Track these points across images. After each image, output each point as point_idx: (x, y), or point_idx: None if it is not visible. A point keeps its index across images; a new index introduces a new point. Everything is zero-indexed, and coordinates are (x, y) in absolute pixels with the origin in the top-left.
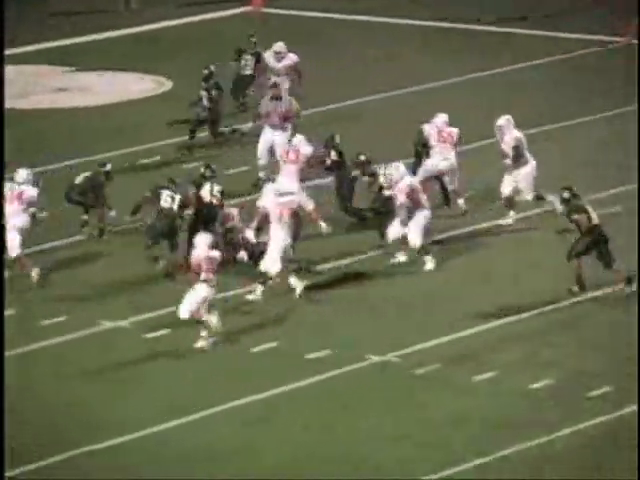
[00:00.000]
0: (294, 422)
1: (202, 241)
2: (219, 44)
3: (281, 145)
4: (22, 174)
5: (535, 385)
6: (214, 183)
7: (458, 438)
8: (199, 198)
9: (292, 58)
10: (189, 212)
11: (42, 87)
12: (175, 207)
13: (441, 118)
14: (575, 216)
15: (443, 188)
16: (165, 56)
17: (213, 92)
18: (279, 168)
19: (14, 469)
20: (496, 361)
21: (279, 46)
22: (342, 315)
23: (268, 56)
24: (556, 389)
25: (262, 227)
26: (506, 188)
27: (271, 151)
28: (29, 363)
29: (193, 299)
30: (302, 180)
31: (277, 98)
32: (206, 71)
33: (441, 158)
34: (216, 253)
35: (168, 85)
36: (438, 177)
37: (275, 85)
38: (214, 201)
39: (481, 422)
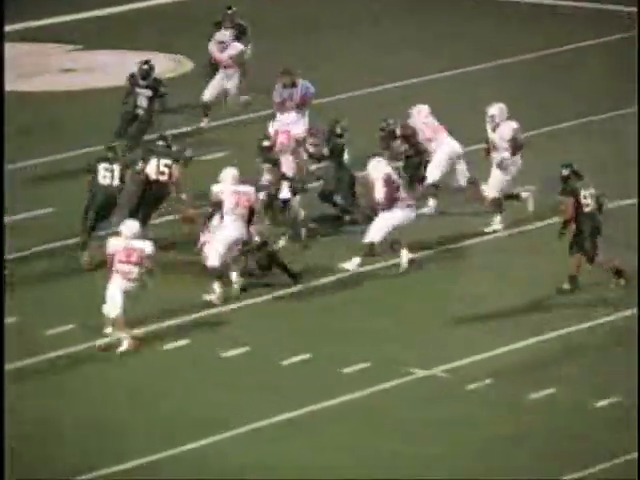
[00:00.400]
0: (329, 443)
1: (127, 230)
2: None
3: (301, 134)
4: None
5: (600, 403)
6: (161, 157)
7: (515, 460)
8: (146, 177)
9: (236, 47)
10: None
11: (46, 67)
12: (115, 182)
13: (425, 111)
14: (561, 198)
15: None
16: (182, 33)
17: (154, 93)
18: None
19: None
20: (555, 376)
21: (222, 35)
22: (382, 325)
23: (211, 45)
24: (624, 408)
25: (212, 216)
26: (494, 188)
27: None
28: (33, 377)
29: (115, 294)
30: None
31: (292, 85)
32: (146, 66)
33: (448, 144)
34: (140, 244)
35: (188, 65)
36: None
37: (288, 72)
38: (160, 178)
39: (540, 443)
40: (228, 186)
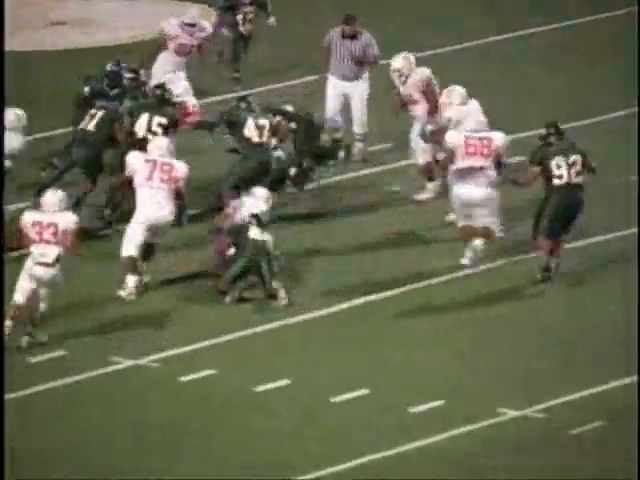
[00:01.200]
0: None
1: (46, 202)
2: None
3: (361, 99)
4: None
5: None
6: (157, 113)
7: None
8: (132, 133)
9: (207, 28)
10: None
11: (32, 20)
12: (90, 127)
13: (426, 71)
14: (532, 166)
15: None
16: None
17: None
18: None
19: None
20: None
21: (190, 17)
22: (459, 353)
23: (174, 28)
24: None
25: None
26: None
27: (346, 110)
28: (23, 413)
29: (23, 279)
30: None
31: (352, 36)
32: (133, 75)
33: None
34: (54, 217)
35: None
36: None
37: (351, 19)
38: (150, 138)
39: None
40: (146, 156)
